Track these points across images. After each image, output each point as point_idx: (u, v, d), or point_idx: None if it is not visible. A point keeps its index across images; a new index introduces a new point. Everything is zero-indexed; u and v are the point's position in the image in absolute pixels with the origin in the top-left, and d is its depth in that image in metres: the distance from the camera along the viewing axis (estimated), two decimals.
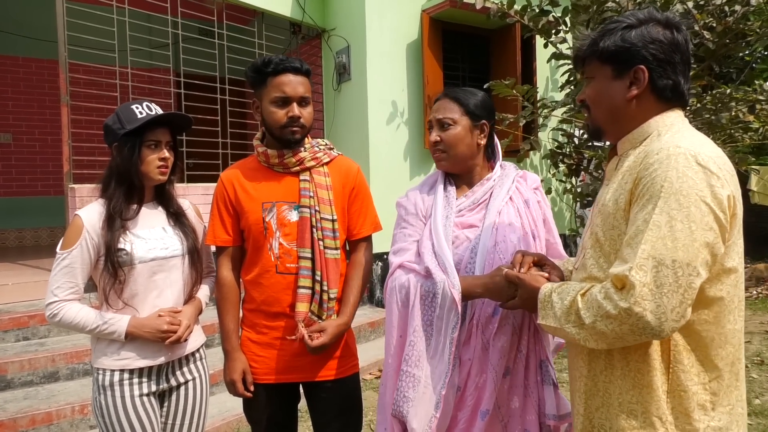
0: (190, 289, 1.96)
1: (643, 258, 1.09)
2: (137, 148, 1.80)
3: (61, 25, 4.27)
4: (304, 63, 1.88)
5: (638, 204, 1.15)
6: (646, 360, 1.19)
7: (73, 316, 1.76)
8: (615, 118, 1.32)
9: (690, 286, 1.09)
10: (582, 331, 1.19)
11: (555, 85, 6.66)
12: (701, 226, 1.09)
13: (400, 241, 1.73)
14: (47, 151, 7.29)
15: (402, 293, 1.61)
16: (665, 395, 1.18)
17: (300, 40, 6.28)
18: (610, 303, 1.11)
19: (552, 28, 5.04)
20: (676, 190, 1.10)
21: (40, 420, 3.03)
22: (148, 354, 1.83)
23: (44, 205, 7.30)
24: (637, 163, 1.21)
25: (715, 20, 4.28)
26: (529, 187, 1.77)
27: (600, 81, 1.32)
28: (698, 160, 1.12)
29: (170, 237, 1.91)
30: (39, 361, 3.39)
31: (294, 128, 1.84)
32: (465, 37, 6.18)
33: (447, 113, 1.70)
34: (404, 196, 1.82)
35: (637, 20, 1.27)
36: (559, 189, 6.60)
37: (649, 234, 1.10)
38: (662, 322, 1.08)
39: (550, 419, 1.60)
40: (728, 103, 4.14)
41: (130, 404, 1.79)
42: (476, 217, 1.67)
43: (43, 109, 7.23)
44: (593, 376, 1.29)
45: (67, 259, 1.76)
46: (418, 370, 1.53)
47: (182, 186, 4.89)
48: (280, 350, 1.90)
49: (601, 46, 1.29)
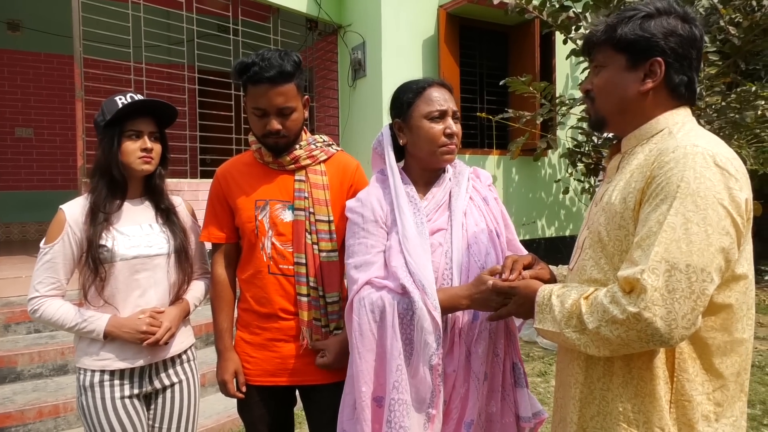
0: (176, 289, 1.90)
1: (656, 261, 1.03)
2: (116, 138, 1.75)
3: (76, 20, 4.30)
4: (288, 63, 1.71)
5: (650, 204, 1.09)
6: (650, 368, 1.13)
7: (53, 312, 1.72)
8: (623, 111, 1.25)
9: (703, 293, 1.03)
10: (583, 336, 1.13)
11: (575, 82, 6.52)
12: (717, 229, 1.04)
13: (362, 253, 1.55)
14: (68, 146, 7.38)
15: (375, 313, 1.47)
16: (668, 405, 1.13)
17: (316, 37, 6.26)
18: (618, 307, 1.06)
19: (572, 24, 4.92)
20: (693, 191, 1.04)
21: (48, 412, 3.05)
22: (129, 355, 1.77)
23: (64, 198, 7.16)
24: (649, 161, 1.15)
25: (741, 15, 4.13)
26: (484, 185, 1.70)
27: (611, 70, 1.25)
28: (716, 160, 1.07)
29: (156, 234, 1.84)
30: (49, 354, 3.42)
31: (274, 140, 1.78)
32: (483, 33, 6.08)
33: (455, 105, 1.60)
34: (356, 200, 1.64)
35: (656, 10, 1.20)
36: (577, 189, 6.47)
37: (663, 236, 1.04)
38: (672, 329, 1.02)
39: (526, 421, 1.56)
40: (754, 101, 3.99)
41: (111, 406, 1.74)
42: (442, 220, 1.58)
43: (64, 104, 7.32)
44: (589, 384, 1.23)
45: (49, 254, 1.73)
46: (407, 395, 1.43)
47: (195, 182, 4.91)
48: (273, 352, 1.86)
49: (618, 33, 1.22)
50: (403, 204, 1.55)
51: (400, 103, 1.64)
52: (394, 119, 1.67)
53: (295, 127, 1.80)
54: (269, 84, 1.70)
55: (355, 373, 1.50)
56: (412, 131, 1.60)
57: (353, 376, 1.52)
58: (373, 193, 1.62)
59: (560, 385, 1.37)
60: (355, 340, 1.50)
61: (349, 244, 1.61)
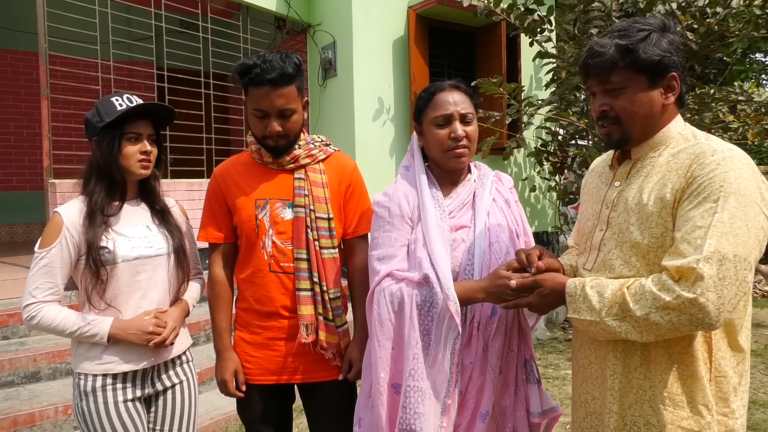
0: (176, 289, 1.90)
1: (710, 251, 1.13)
2: (117, 141, 1.73)
3: (41, 15, 4.15)
4: (289, 65, 1.73)
5: (692, 201, 1.20)
6: (690, 351, 1.24)
7: (52, 318, 1.67)
8: (648, 126, 1.33)
9: (744, 280, 1.15)
10: (623, 323, 1.22)
11: (539, 83, 6.70)
12: (755, 224, 1.17)
13: (385, 245, 1.61)
14: (23, 145, 7.10)
15: (395, 304, 1.53)
16: (709, 383, 1.24)
17: (285, 35, 6.22)
18: (670, 293, 1.15)
19: (537, 27, 5.08)
20: (735, 189, 1.16)
21: (23, 421, 2.95)
22: (132, 358, 1.75)
23: (20, 200, 7.11)
24: (683, 163, 1.24)
25: (697, 22, 4.35)
26: (506, 188, 1.77)
27: (635, 90, 1.29)
28: (747, 162, 1.21)
29: (155, 235, 1.84)
30: (20, 361, 3.31)
31: (273, 142, 1.80)
32: (451, 34, 6.18)
33: (468, 107, 1.62)
34: (383, 195, 1.69)
35: (658, 26, 1.29)
36: (543, 186, 6.66)
37: (713, 230, 1.14)
38: (720, 312, 1.13)
39: (536, 417, 1.62)
40: (710, 103, 4.22)
41: (114, 410, 1.72)
42: (465, 218, 1.64)
43: (19, 101, 7.03)
44: (627, 373, 1.32)
45: (46, 258, 1.68)
46: (423, 382, 1.49)
47: (166, 182, 4.79)
48: (274, 351, 1.87)
49: (641, 55, 1.26)
50: (427, 201, 1.61)
51: (416, 108, 1.71)
52: (414, 123, 1.75)
53: (295, 129, 1.82)
54: (270, 86, 1.71)
55: (373, 360, 1.56)
56: (424, 136, 1.68)
57: (371, 364, 1.57)
58: (400, 188, 1.67)
59: (585, 380, 1.44)
60: (375, 328, 1.56)
61: (374, 236, 1.66)
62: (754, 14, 4.17)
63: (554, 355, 4.68)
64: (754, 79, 10.55)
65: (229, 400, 2.01)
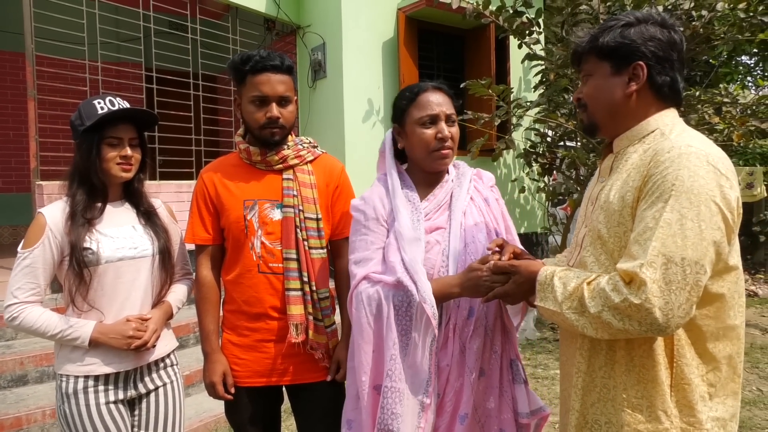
0: (159, 291, 1.89)
1: (654, 255, 1.11)
2: (95, 145, 1.72)
3: (28, 16, 4.12)
4: (287, 59, 1.82)
5: (647, 201, 1.17)
6: (651, 355, 1.21)
7: (34, 320, 1.67)
8: (613, 114, 1.33)
9: (697, 284, 1.11)
10: (582, 318, 1.20)
11: (528, 85, 6.75)
12: (710, 225, 1.12)
13: (362, 249, 1.61)
14: (9, 146, 7.02)
15: (372, 306, 1.53)
16: (669, 389, 1.21)
17: (274, 37, 6.21)
18: (619, 296, 1.13)
19: (526, 29, 5.11)
20: (688, 188, 1.12)
21: (9, 425, 2.93)
22: (114, 360, 1.75)
23: (6, 202, 7.04)
24: (645, 161, 1.22)
25: (682, 25, 4.41)
26: (486, 186, 1.76)
27: (598, 78, 1.33)
28: (709, 160, 1.15)
29: (140, 236, 1.83)
30: (6, 364, 3.28)
31: (273, 129, 1.81)
32: (440, 36, 6.21)
33: (451, 108, 1.63)
34: (360, 200, 1.69)
35: (635, 19, 1.29)
36: (531, 188, 6.70)
37: (659, 231, 1.11)
38: (669, 318, 1.10)
39: (524, 417, 1.60)
40: (696, 105, 4.27)
41: (96, 412, 1.71)
42: (441, 219, 1.63)
43: (5, 103, 6.96)
44: (591, 372, 1.30)
45: (29, 259, 1.67)
46: (401, 383, 1.49)
47: (155, 183, 4.79)
48: (262, 353, 1.87)
49: (600, 42, 1.31)
50: (400, 204, 1.60)
51: (396, 109, 1.69)
52: (393, 124, 1.72)
53: (290, 120, 1.85)
54: (273, 71, 1.78)
55: (356, 363, 1.56)
56: (407, 136, 1.66)
57: (354, 368, 1.58)
58: (375, 192, 1.67)
59: (564, 377, 1.44)
60: (354, 332, 1.57)
61: (352, 240, 1.67)
62: (739, 17, 4.23)
63: (543, 355, 4.71)
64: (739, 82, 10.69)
65: (218, 402, 2.00)
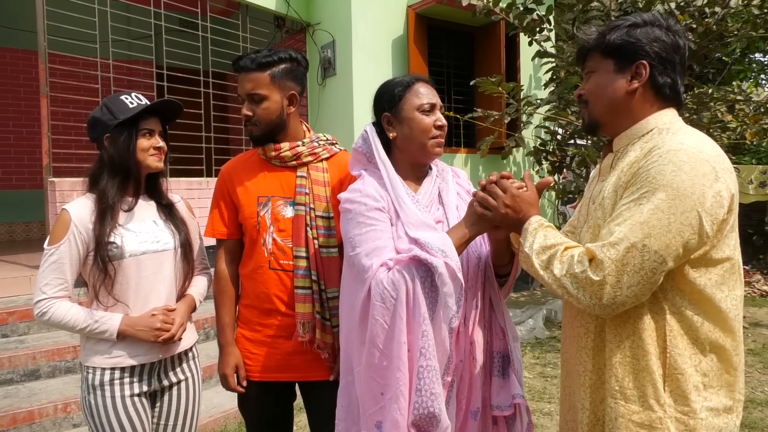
0: (182, 283, 1.92)
1: (618, 238, 1.17)
2: (134, 137, 1.78)
3: (40, 14, 4.16)
4: (263, 55, 1.81)
5: (628, 192, 1.22)
6: (641, 345, 1.24)
7: (63, 314, 1.71)
8: (614, 112, 1.35)
9: (652, 271, 1.16)
10: (545, 272, 1.27)
11: (538, 83, 6.72)
12: (681, 219, 1.14)
13: (372, 239, 1.48)
14: (22, 143, 7.09)
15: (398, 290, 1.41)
16: (662, 378, 1.23)
17: (284, 34, 6.23)
18: (581, 267, 1.20)
19: (536, 26, 5.09)
20: (668, 182, 1.15)
21: (22, 419, 2.96)
22: (141, 351, 1.78)
23: (19, 199, 7.11)
24: (639, 158, 1.25)
25: (695, 21, 4.37)
26: (464, 181, 1.77)
27: (601, 74, 1.36)
28: (699, 157, 1.17)
29: (162, 230, 1.87)
30: (19, 359, 3.31)
31: (247, 126, 1.86)
32: (450, 33, 6.19)
33: (438, 99, 1.65)
34: (354, 192, 1.57)
35: (642, 20, 1.32)
36: None
37: (630, 219, 1.17)
38: (616, 295, 1.17)
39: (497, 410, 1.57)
40: (708, 102, 4.23)
41: (121, 405, 1.75)
42: (438, 213, 1.63)
43: (18, 100, 7.03)
44: (597, 370, 1.32)
45: (55, 255, 1.71)
46: (434, 360, 1.41)
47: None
48: (273, 348, 1.88)
49: (606, 39, 1.33)
50: (402, 194, 1.54)
51: (390, 97, 1.64)
52: (383, 114, 1.66)
53: (265, 116, 1.83)
54: (244, 71, 1.83)
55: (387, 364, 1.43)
56: (403, 124, 1.61)
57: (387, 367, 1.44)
58: (369, 184, 1.57)
59: (568, 374, 1.45)
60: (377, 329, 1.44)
61: (354, 234, 1.52)
62: (753, 14, 4.18)
63: (552, 354, 4.70)
64: (753, 79, 10.58)
65: (228, 398, 2.02)
